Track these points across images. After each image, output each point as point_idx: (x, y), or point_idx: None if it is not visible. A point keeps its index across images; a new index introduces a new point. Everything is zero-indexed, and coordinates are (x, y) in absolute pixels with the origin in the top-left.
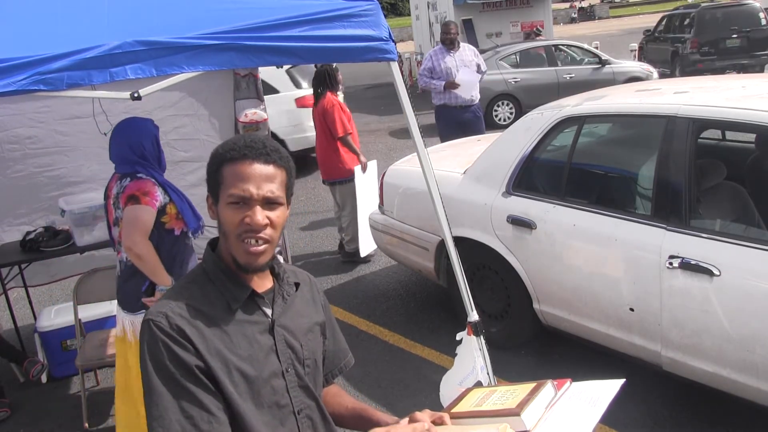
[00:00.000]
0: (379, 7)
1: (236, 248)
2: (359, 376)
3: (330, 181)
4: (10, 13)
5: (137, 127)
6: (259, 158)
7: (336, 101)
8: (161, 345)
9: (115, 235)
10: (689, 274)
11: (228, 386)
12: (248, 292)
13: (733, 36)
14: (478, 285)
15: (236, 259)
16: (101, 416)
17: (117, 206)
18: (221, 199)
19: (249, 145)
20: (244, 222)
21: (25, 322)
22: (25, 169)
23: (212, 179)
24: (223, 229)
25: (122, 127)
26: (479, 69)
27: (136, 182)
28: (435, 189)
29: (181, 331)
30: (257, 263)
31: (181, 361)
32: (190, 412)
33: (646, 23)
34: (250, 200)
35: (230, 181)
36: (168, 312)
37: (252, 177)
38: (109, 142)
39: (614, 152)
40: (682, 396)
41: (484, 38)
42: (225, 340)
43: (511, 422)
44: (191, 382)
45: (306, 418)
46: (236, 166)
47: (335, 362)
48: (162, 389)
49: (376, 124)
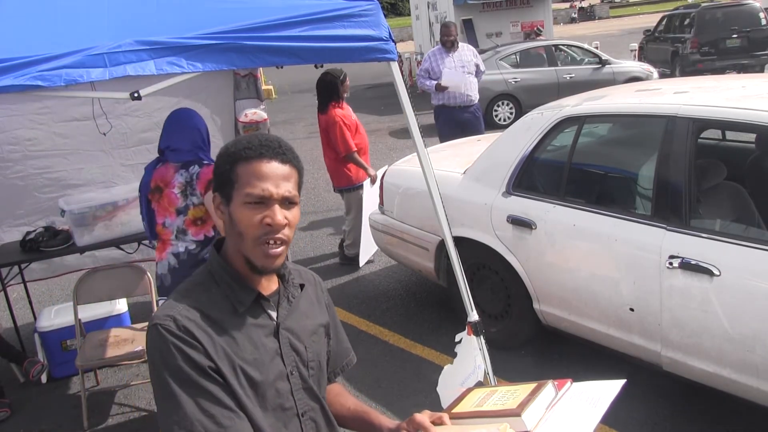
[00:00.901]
0: (379, 7)
1: (254, 250)
2: (359, 376)
3: (338, 188)
4: (10, 13)
5: (198, 116)
6: (277, 157)
7: (338, 116)
8: (172, 347)
9: (179, 224)
10: (689, 274)
11: (236, 388)
12: (254, 296)
13: (733, 36)
14: (478, 285)
15: (252, 261)
16: (101, 416)
17: (188, 194)
18: (235, 198)
19: (265, 144)
20: (264, 223)
21: (25, 322)
22: (24, 170)
23: (224, 178)
24: (237, 230)
25: (186, 116)
26: (478, 69)
27: (209, 168)
28: (435, 189)
29: (190, 332)
30: (275, 265)
31: (194, 361)
32: (210, 410)
33: (646, 23)
34: (270, 200)
35: (247, 180)
36: (175, 315)
37: (271, 176)
38: (169, 130)
39: (614, 152)
40: (682, 396)
41: (484, 38)
42: (231, 344)
43: (512, 423)
44: (208, 380)
45: (310, 420)
46: (253, 164)
47: (338, 361)
48: (179, 391)
49: (376, 124)
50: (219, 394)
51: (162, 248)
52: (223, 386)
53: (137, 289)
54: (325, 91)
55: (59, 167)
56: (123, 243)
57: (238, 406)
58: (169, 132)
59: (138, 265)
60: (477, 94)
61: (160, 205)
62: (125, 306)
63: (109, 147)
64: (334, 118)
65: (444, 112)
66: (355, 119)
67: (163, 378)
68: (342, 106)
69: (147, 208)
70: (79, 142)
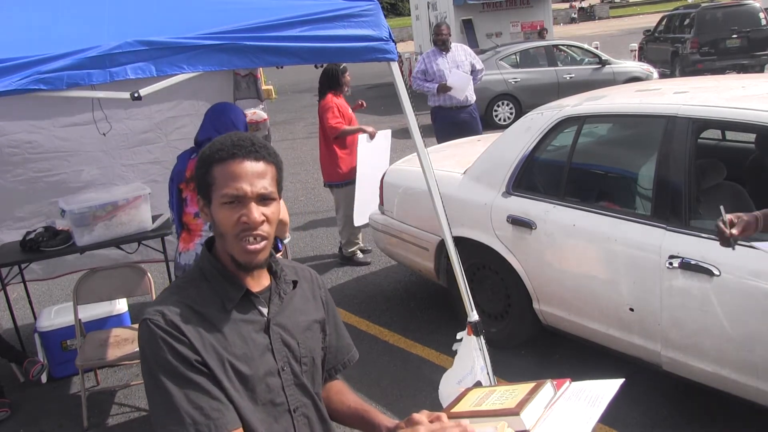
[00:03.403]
0: (379, 7)
1: (235, 247)
2: (359, 375)
3: (328, 183)
4: (10, 13)
5: (237, 110)
6: (249, 156)
7: (334, 103)
8: (160, 341)
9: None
10: (689, 274)
11: (224, 382)
12: (243, 292)
13: (733, 36)
14: (478, 285)
15: (235, 258)
16: (101, 416)
17: None
18: (214, 200)
19: (237, 144)
20: (240, 221)
21: (25, 322)
22: (25, 173)
23: (202, 181)
24: (219, 230)
25: (224, 109)
26: (474, 68)
27: None
28: (435, 189)
29: (177, 327)
30: (257, 261)
31: (181, 354)
32: (199, 402)
33: (646, 23)
34: (245, 198)
35: (222, 182)
36: (164, 310)
37: (244, 175)
38: (207, 122)
39: (614, 152)
40: (682, 396)
41: (484, 38)
42: (220, 339)
43: (511, 422)
44: (195, 372)
45: (302, 416)
46: (227, 165)
47: (338, 357)
48: (167, 383)
49: (376, 124)
50: (207, 386)
51: (189, 239)
52: (212, 378)
53: (137, 290)
54: (326, 81)
55: (60, 169)
56: (123, 243)
57: (227, 399)
58: (207, 124)
59: (138, 266)
60: (473, 94)
61: (194, 195)
62: (125, 306)
63: (109, 148)
64: (329, 104)
65: (441, 114)
66: (351, 114)
67: (153, 371)
68: (340, 98)
69: (177, 198)
70: (79, 144)
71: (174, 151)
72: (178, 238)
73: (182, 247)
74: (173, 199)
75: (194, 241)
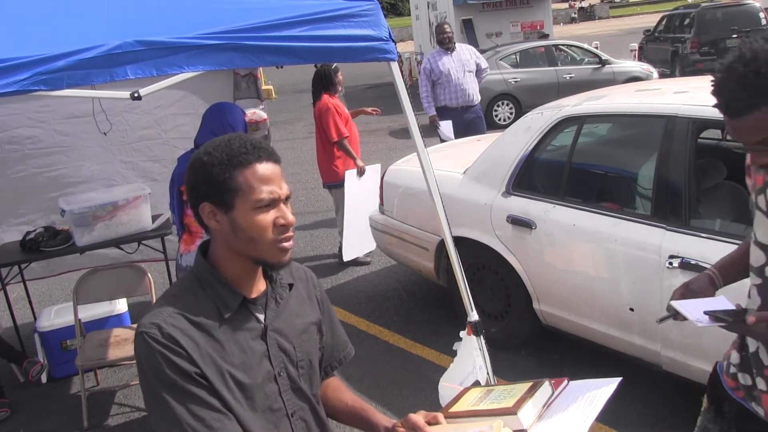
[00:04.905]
0: (379, 7)
1: (270, 250)
2: (359, 375)
3: (326, 184)
4: (10, 13)
5: (236, 111)
6: (271, 158)
7: (331, 103)
8: (158, 355)
9: None
10: (689, 274)
11: (224, 392)
12: (240, 300)
13: (733, 36)
14: (478, 285)
15: (267, 261)
16: (101, 416)
17: None
18: (240, 205)
19: (257, 146)
20: (278, 223)
21: (25, 322)
22: (25, 169)
23: (222, 187)
24: (248, 236)
25: (224, 109)
26: (479, 67)
27: None
28: (435, 189)
29: (174, 339)
30: (289, 258)
31: (179, 368)
32: (200, 413)
33: (646, 23)
34: (277, 201)
35: (253, 186)
36: (160, 323)
37: (274, 178)
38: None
39: (614, 152)
40: (682, 396)
41: (484, 38)
42: (217, 349)
43: (508, 421)
44: (195, 385)
45: (300, 420)
46: (254, 169)
47: (334, 354)
48: (167, 398)
49: (376, 124)
50: (207, 397)
51: (191, 240)
52: (211, 390)
53: (138, 289)
54: (319, 82)
55: (60, 165)
56: (123, 243)
57: (227, 409)
58: (205, 126)
59: (138, 265)
60: (478, 94)
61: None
62: (125, 306)
63: (109, 144)
64: (327, 105)
65: (446, 114)
66: (347, 113)
67: (152, 385)
68: (335, 98)
69: (178, 199)
70: (79, 138)
71: (173, 150)
72: (180, 239)
73: (183, 249)
74: (174, 200)
75: (196, 242)
